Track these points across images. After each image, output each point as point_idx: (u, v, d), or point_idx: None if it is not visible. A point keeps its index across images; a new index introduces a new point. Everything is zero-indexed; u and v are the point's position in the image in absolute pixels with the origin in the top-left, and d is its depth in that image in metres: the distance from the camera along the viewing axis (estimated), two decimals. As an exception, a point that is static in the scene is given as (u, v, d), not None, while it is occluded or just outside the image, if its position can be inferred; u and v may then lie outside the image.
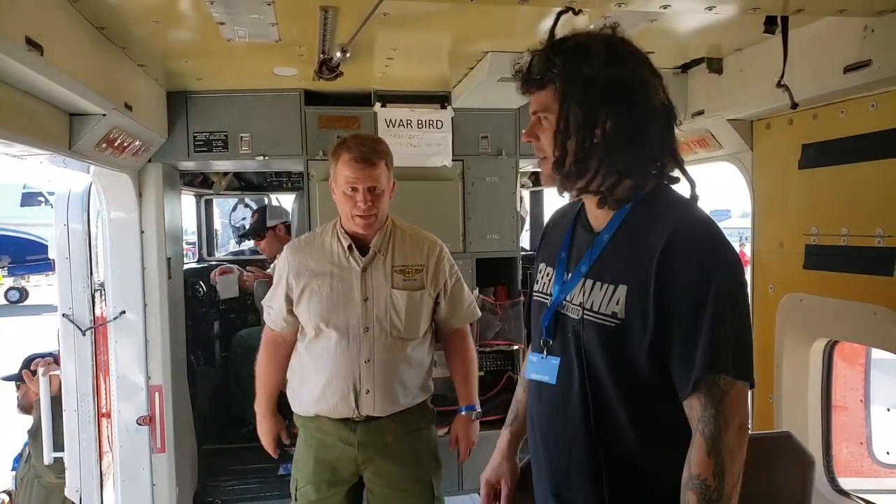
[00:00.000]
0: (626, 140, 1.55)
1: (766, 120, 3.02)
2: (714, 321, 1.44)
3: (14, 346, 7.39)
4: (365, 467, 2.66)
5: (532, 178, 5.51)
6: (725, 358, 1.46)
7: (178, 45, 2.77)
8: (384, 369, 2.60)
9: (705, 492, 1.42)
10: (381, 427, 2.65)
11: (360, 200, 2.53)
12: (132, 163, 3.34)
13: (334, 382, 2.60)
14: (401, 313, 2.63)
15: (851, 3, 2.08)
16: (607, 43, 1.57)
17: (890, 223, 2.36)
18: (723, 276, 1.47)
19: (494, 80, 3.05)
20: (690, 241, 1.50)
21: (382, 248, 2.66)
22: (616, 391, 1.56)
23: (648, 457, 1.57)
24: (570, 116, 1.55)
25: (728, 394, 1.46)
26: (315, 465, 2.66)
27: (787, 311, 2.87)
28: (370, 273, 2.63)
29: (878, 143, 2.39)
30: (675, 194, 1.65)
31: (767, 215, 3.09)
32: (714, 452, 1.43)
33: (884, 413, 3.03)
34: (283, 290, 2.68)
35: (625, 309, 1.52)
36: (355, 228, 2.61)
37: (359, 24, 2.27)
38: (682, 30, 2.66)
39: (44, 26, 1.95)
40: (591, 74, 1.52)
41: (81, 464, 3.59)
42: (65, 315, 3.53)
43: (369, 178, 2.53)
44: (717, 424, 1.44)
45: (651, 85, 1.57)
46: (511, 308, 3.97)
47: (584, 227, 1.72)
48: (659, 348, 1.50)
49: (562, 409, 1.66)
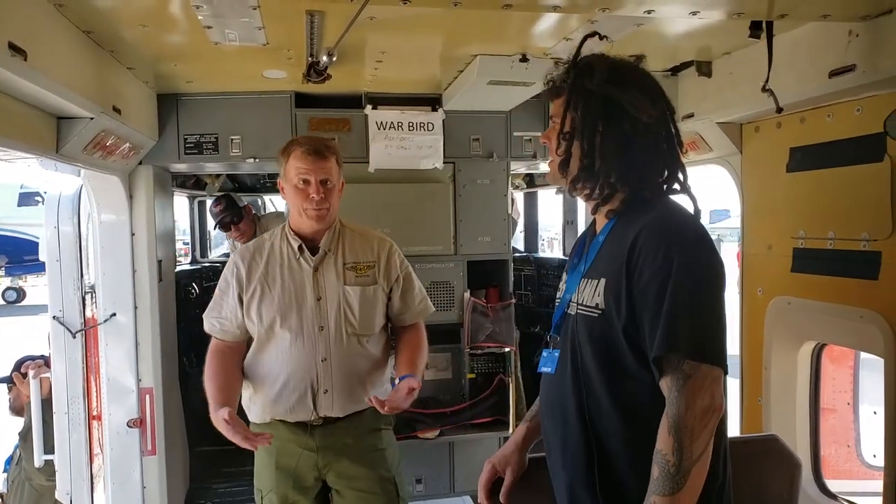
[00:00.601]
0: (616, 150, 1.71)
1: (755, 123, 3.02)
2: (672, 304, 1.56)
3: (11, 347, 7.38)
4: (327, 471, 2.64)
5: (525, 180, 5.51)
6: (682, 338, 1.55)
7: (167, 48, 2.77)
8: (341, 367, 2.59)
9: (665, 466, 1.53)
10: (340, 429, 2.63)
11: (312, 192, 2.52)
12: (122, 165, 3.34)
13: (291, 383, 2.57)
14: (355, 309, 2.62)
15: (835, 9, 2.09)
16: (612, 65, 1.76)
17: (875, 227, 2.37)
18: (683, 262, 1.58)
19: (484, 82, 3.05)
20: (656, 233, 1.63)
21: (332, 247, 2.66)
22: (600, 377, 1.69)
23: (631, 439, 1.67)
24: (570, 122, 1.75)
25: (692, 377, 1.55)
26: (276, 472, 2.63)
27: (776, 314, 2.88)
28: (321, 272, 2.62)
29: (863, 148, 2.40)
30: (661, 203, 1.76)
31: (756, 218, 3.10)
32: (674, 431, 1.53)
33: (871, 416, 3.03)
34: (235, 293, 2.64)
35: (604, 300, 1.68)
36: (307, 223, 2.59)
37: (345, 27, 2.27)
38: (670, 33, 2.66)
39: (28, 31, 1.95)
40: (592, 89, 1.72)
41: (72, 466, 3.59)
42: (55, 317, 3.53)
43: (321, 170, 2.54)
44: (679, 405, 1.53)
45: (641, 107, 1.70)
46: (502, 310, 3.97)
47: (591, 235, 1.89)
48: (632, 333, 1.62)
49: (559, 396, 1.80)
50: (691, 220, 1.70)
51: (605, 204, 1.77)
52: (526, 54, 2.87)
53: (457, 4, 1.99)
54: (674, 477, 1.51)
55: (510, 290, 4.07)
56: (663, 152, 1.76)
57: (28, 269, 19.22)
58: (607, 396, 1.67)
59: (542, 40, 2.69)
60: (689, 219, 1.70)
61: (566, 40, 2.63)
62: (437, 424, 3.86)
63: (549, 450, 1.89)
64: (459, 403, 3.96)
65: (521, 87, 3.12)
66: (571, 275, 1.88)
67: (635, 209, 1.73)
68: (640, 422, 1.65)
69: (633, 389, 1.65)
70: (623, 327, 1.63)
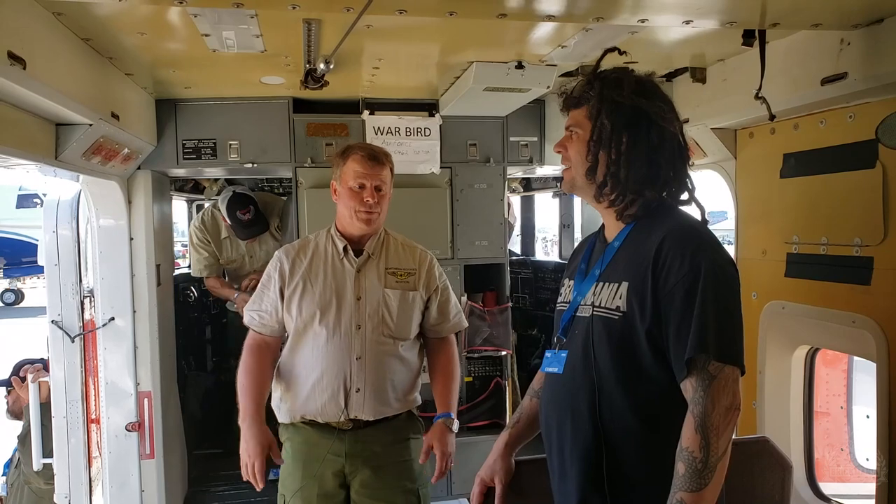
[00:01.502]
0: (642, 158, 1.80)
1: (749, 129, 3.05)
2: (702, 311, 1.64)
3: (9, 349, 7.39)
4: (352, 478, 2.65)
5: (522, 184, 5.53)
6: (711, 340, 1.63)
7: (166, 55, 2.79)
8: (375, 367, 2.62)
9: (692, 462, 1.59)
10: (370, 435, 2.65)
11: (367, 196, 2.59)
12: (121, 170, 3.36)
13: (324, 380, 2.59)
14: (393, 312, 2.66)
15: (827, 18, 2.12)
16: (638, 79, 1.85)
17: (867, 233, 2.39)
18: (710, 272, 1.67)
19: (480, 89, 3.08)
20: (682, 239, 1.72)
21: (376, 252, 2.71)
22: (615, 376, 1.74)
23: (643, 439, 1.73)
24: (601, 130, 1.81)
25: (716, 377, 1.63)
26: (303, 478, 2.64)
27: (770, 319, 2.90)
28: (364, 274, 2.67)
29: (856, 154, 2.43)
30: (677, 210, 1.87)
31: (751, 223, 3.12)
32: (701, 429, 1.60)
33: (864, 419, 3.05)
34: (277, 287, 2.67)
35: (626, 302, 1.73)
36: (357, 226, 2.64)
37: (342, 35, 2.29)
38: (665, 40, 2.69)
39: (27, 40, 1.97)
40: (620, 100, 1.80)
41: (70, 470, 3.59)
42: (54, 321, 3.54)
43: (377, 176, 2.61)
44: (705, 404, 1.61)
45: (667, 117, 1.82)
46: (499, 314, 4.00)
47: (601, 241, 1.96)
48: (656, 334, 1.69)
49: (567, 395, 1.84)
50: (707, 232, 1.79)
51: (626, 209, 1.85)
52: (522, 61, 2.89)
53: (452, 14, 2.02)
54: (701, 473, 1.58)
55: (507, 293, 4.09)
56: (679, 161, 1.85)
57: (26, 271, 19.21)
58: (622, 396, 1.73)
59: (537, 47, 2.71)
60: (705, 230, 1.80)
61: (561, 48, 2.65)
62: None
63: (552, 450, 1.91)
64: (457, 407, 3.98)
65: (518, 93, 3.14)
66: (581, 279, 1.93)
67: (652, 215, 1.82)
68: (652, 421, 1.72)
69: (648, 389, 1.72)
70: (647, 329, 1.69)
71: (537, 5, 2.01)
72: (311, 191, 3.73)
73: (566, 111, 1.93)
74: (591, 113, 1.83)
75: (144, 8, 2.18)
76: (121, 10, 2.20)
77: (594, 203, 1.93)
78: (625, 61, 1.95)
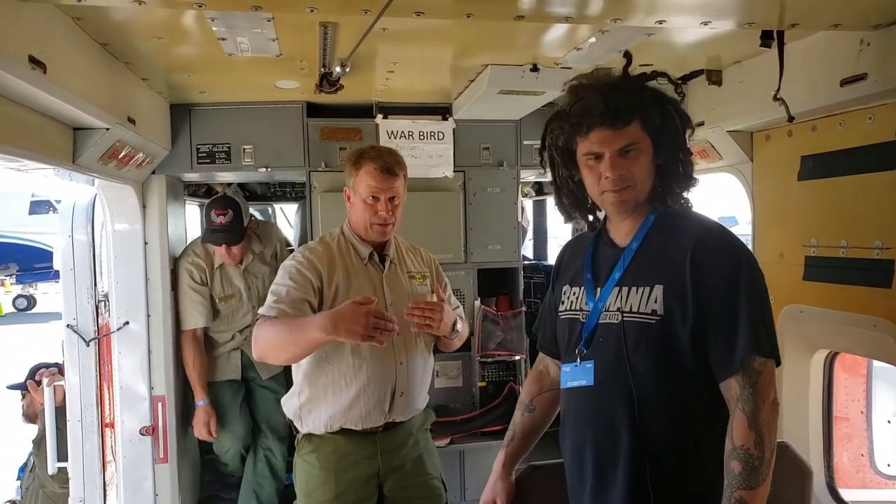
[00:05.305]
0: (689, 160, 1.86)
1: (766, 131, 3.02)
2: (749, 308, 1.68)
3: (22, 354, 7.43)
4: (385, 478, 2.63)
5: (534, 188, 5.51)
6: (762, 339, 1.68)
7: (181, 59, 2.80)
8: (414, 369, 2.64)
9: (748, 460, 1.61)
10: (397, 432, 2.66)
11: (381, 209, 2.57)
12: (136, 175, 3.37)
13: (371, 387, 2.54)
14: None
15: (846, 18, 2.10)
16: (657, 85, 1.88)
17: (888, 235, 2.36)
18: (749, 269, 1.73)
19: (494, 92, 3.07)
20: (717, 243, 1.77)
21: (395, 257, 2.73)
22: (655, 381, 1.74)
23: (685, 441, 1.75)
24: (671, 138, 1.82)
25: (762, 373, 1.66)
26: (338, 486, 2.57)
27: (788, 322, 2.87)
28: (390, 279, 2.68)
29: (875, 156, 2.40)
30: (692, 211, 1.92)
31: (768, 227, 3.09)
32: (754, 425, 1.63)
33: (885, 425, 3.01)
34: (313, 282, 2.52)
35: (664, 305, 1.73)
36: (372, 236, 2.64)
37: (358, 38, 2.29)
38: (681, 42, 2.67)
39: (47, 44, 1.98)
40: (665, 102, 1.84)
41: (85, 474, 3.61)
42: (69, 325, 3.56)
43: (391, 188, 2.57)
44: (756, 401, 1.64)
45: (690, 121, 1.89)
46: (513, 318, 3.98)
47: (607, 245, 1.93)
48: (699, 335, 1.71)
49: (603, 407, 1.81)
50: (733, 233, 1.83)
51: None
52: (536, 64, 2.88)
53: (469, 16, 2.01)
54: (758, 470, 1.61)
55: (520, 297, 4.07)
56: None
57: (39, 277, 19.32)
58: (662, 400, 1.74)
59: (552, 50, 2.71)
60: (731, 231, 1.84)
61: (577, 50, 2.64)
62: (448, 433, 3.86)
63: (583, 464, 1.86)
64: (470, 412, 3.97)
65: (532, 96, 3.14)
66: (590, 288, 1.89)
67: (670, 216, 1.85)
68: (688, 423, 1.74)
69: (684, 393, 1.74)
70: (691, 329, 1.71)
71: (554, 7, 2.00)
72: (326, 195, 3.73)
73: (619, 128, 1.77)
74: (649, 124, 1.78)
75: (161, 12, 2.19)
76: (138, 14, 2.21)
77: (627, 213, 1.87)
78: (639, 65, 1.93)
